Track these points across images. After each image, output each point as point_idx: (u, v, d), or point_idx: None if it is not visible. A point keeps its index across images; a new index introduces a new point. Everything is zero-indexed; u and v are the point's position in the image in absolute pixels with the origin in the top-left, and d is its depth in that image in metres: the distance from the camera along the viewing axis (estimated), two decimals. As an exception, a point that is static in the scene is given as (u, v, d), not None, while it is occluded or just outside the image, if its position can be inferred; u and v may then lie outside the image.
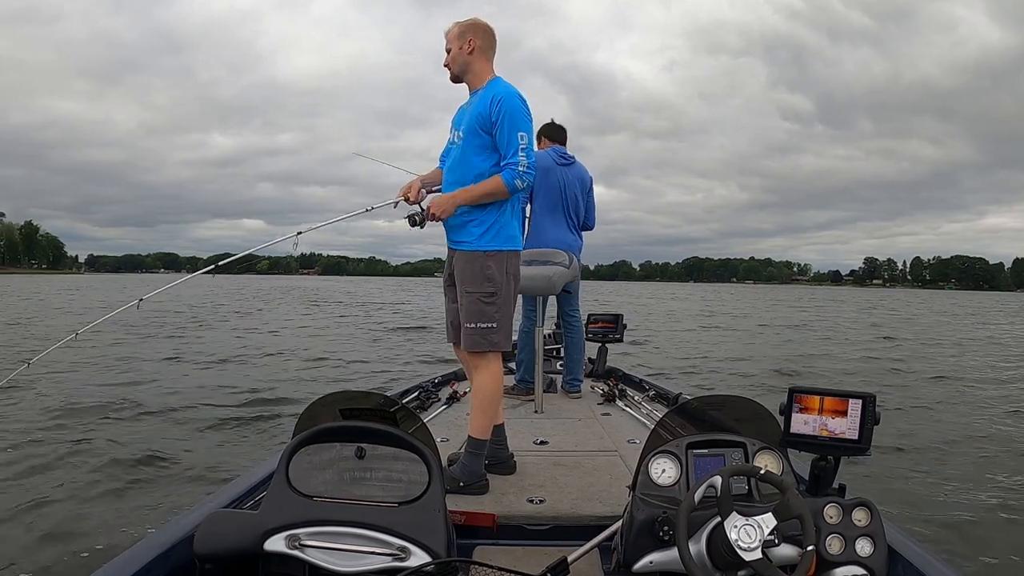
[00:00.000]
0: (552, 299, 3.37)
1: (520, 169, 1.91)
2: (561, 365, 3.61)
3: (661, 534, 1.18)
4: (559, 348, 3.74)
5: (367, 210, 2.36)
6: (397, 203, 2.13)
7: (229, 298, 26.45)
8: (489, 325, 1.98)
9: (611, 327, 4.10)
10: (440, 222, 2.00)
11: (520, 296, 3.34)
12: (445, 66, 2.06)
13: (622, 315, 4.15)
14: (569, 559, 1.34)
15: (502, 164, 1.94)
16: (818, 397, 1.32)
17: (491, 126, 1.93)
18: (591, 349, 4.10)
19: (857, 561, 1.15)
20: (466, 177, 1.98)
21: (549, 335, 3.85)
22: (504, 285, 2.00)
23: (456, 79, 2.07)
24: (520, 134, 1.92)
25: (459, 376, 3.67)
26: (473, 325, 1.99)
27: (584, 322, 3.94)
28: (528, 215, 3.37)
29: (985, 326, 19.85)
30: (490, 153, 1.96)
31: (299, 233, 2.39)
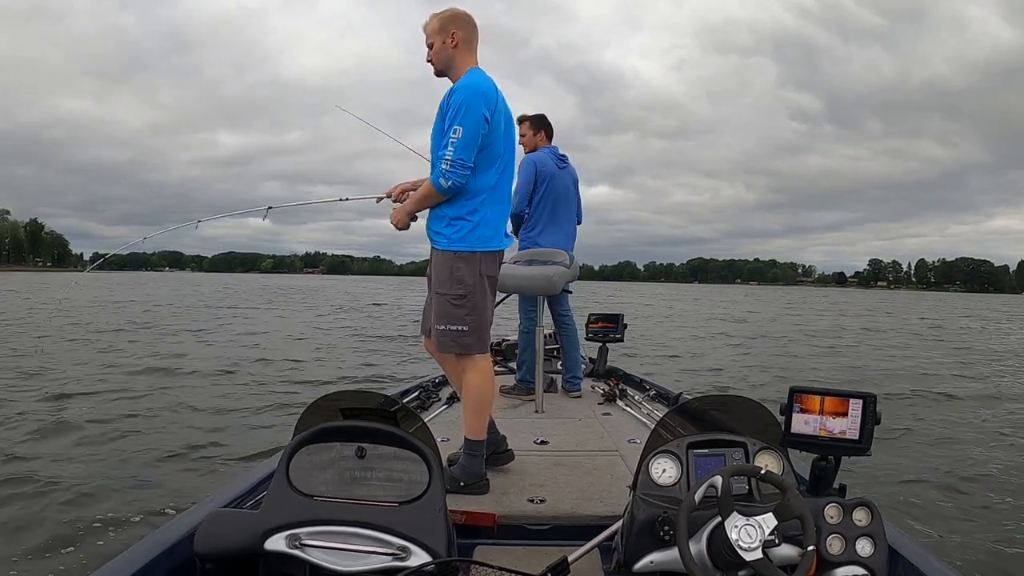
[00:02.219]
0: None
1: (443, 167, 1.80)
2: (561, 365, 3.62)
3: (662, 534, 1.18)
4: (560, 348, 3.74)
5: (342, 199, 2.39)
6: (380, 199, 2.11)
7: (233, 298, 26.47)
8: (460, 328, 1.92)
9: (611, 327, 4.10)
10: (402, 230, 1.98)
11: (519, 296, 3.35)
12: (428, 61, 2.00)
13: (622, 315, 4.15)
14: (569, 559, 1.34)
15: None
16: (818, 397, 1.32)
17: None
18: (592, 349, 4.10)
19: (858, 561, 1.15)
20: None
21: (550, 335, 3.85)
22: (477, 287, 1.92)
23: (440, 74, 2.00)
24: (455, 128, 1.80)
25: None
26: (443, 327, 1.93)
27: (584, 322, 3.93)
28: (524, 218, 3.38)
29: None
30: None
31: (269, 208, 2.49)
